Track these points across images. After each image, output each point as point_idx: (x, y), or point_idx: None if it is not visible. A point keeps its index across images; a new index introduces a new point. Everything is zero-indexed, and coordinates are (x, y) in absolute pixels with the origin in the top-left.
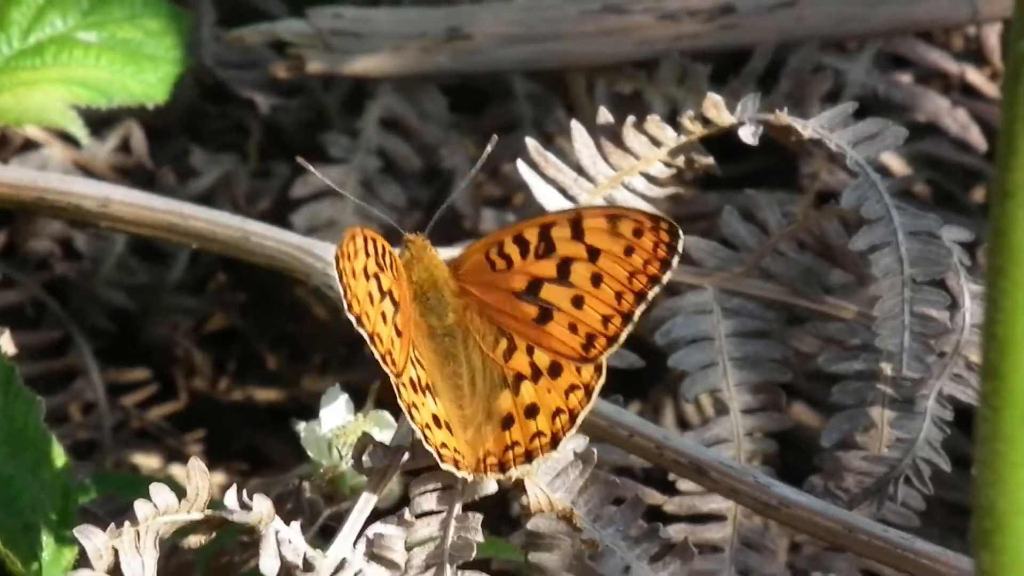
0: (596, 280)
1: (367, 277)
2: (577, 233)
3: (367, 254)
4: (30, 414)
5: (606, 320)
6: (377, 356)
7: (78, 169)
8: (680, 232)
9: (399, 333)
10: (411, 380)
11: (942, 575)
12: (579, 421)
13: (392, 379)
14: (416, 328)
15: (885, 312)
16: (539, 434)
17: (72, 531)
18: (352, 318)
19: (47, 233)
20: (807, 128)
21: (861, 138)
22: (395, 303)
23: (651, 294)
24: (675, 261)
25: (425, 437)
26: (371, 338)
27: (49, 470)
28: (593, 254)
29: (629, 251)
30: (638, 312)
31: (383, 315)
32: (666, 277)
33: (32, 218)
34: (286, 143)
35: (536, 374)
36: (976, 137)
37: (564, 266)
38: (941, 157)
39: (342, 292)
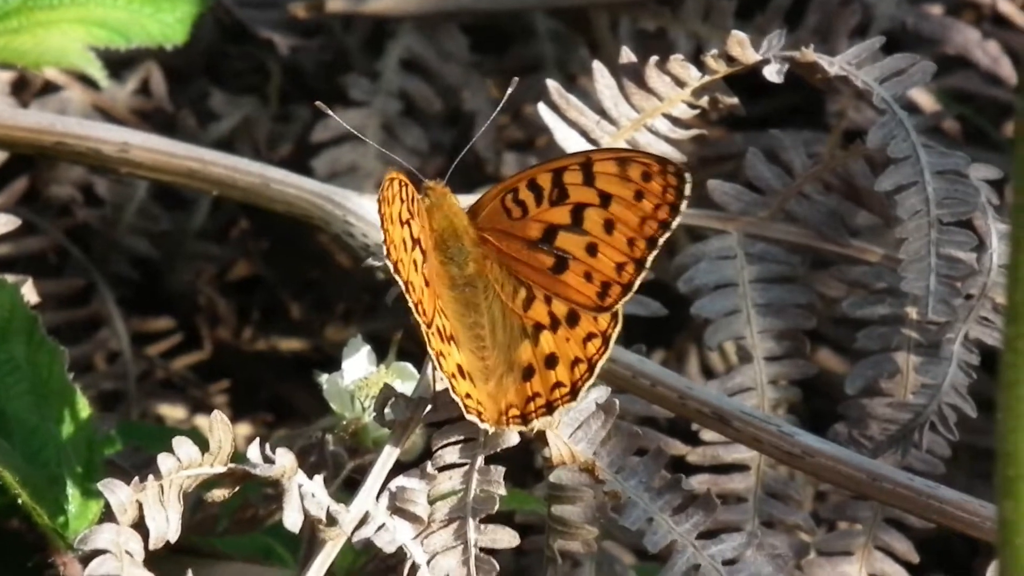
0: (608, 227)
1: (401, 223)
2: (588, 178)
3: (401, 200)
4: (54, 364)
5: (620, 268)
6: (410, 304)
7: (98, 112)
8: (687, 176)
9: (427, 282)
10: (438, 329)
11: (967, 523)
12: (597, 370)
13: (422, 328)
14: (438, 278)
15: (911, 254)
16: (559, 384)
17: (97, 484)
18: (390, 265)
19: (68, 179)
20: (833, 65)
21: (888, 74)
22: (423, 252)
23: (661, 240)
24: (683, 206)
25: (452, 387)
26: (406, 286)
27: (74, 422)
28: (605, 200)
29: (639, 196)
30: (650, 259)
31: (415, 263)
32: (675, 222)
33: (53, 163)
34: (307, 85)
35: (555, 324)
36: (1007, 70)
37: (577, 212)
38: (971, 91)
39: (382, 238)
